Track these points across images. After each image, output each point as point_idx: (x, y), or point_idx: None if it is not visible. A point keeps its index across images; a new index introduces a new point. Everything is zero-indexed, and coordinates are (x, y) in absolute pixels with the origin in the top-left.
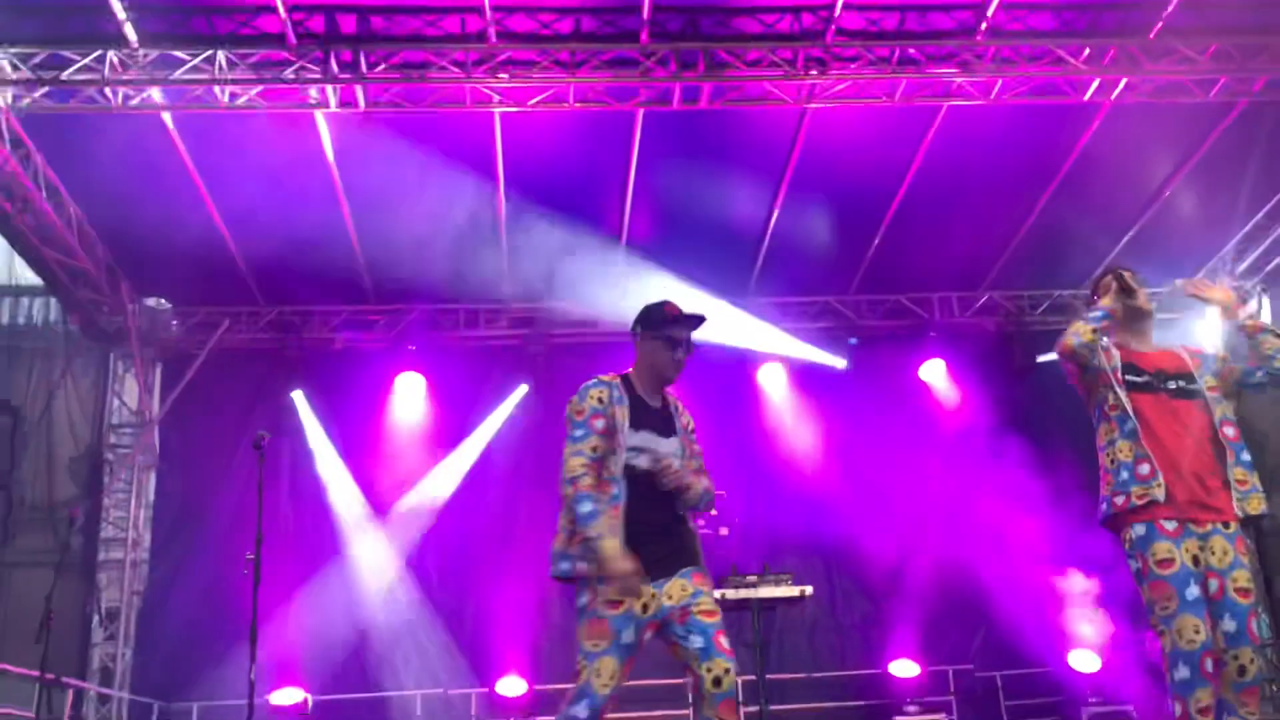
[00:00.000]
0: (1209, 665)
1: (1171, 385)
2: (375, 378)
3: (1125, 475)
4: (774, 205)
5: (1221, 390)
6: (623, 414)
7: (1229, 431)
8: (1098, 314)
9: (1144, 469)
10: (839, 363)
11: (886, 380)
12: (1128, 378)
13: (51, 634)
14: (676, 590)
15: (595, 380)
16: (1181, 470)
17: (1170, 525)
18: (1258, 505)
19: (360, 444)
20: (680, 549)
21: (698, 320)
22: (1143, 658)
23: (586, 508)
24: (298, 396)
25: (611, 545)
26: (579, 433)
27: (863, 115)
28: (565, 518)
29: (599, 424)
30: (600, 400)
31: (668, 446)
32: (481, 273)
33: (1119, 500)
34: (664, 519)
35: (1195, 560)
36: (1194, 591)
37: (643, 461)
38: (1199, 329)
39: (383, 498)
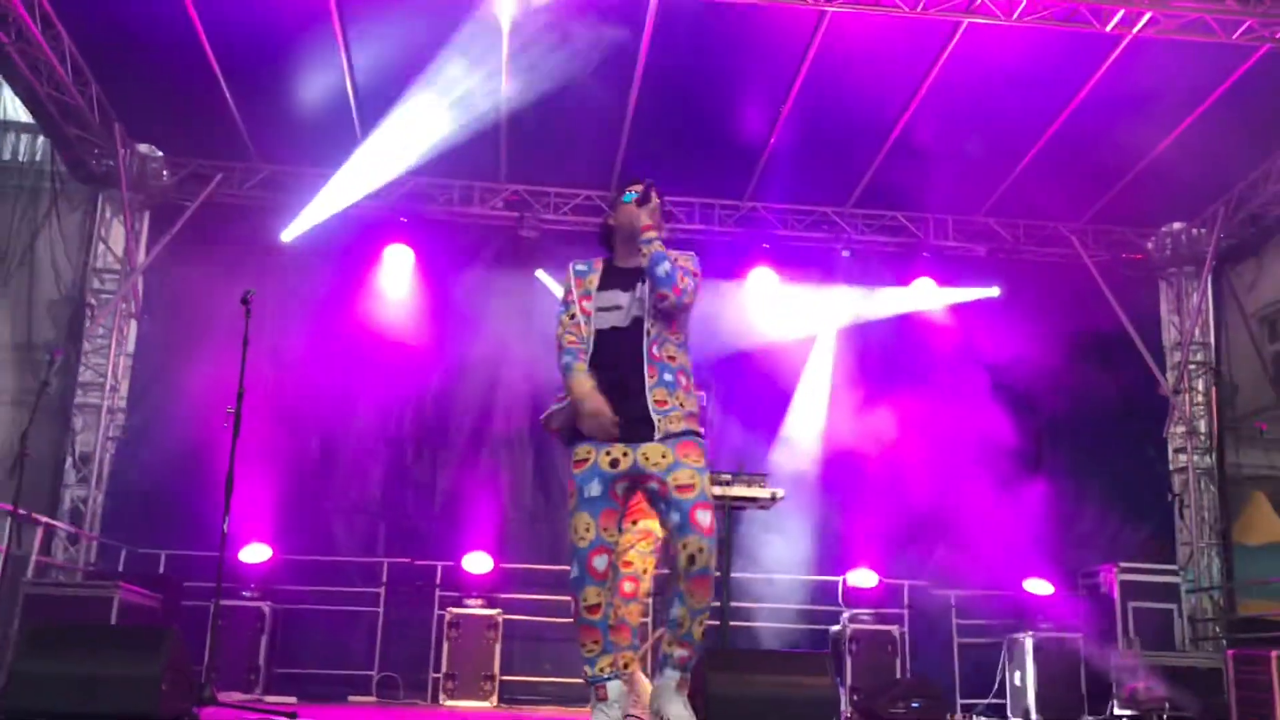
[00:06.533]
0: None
1: None
2: (363, 246)
3: None
4: (781, 110)
5: None
6: (592, 280)
7: None
8: None
9: None
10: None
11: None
12: None
13: (25, 471)
14: (656, 455)
15: (576, 260)
16: None
17: None
18: None
19: (343, 311)
20: (644, 416)
21: (646, 180)
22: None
23: (566, 359)
24: (286, 256)
25: (582, 380)
26: (563, 306)
27: (879, 28)
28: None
29: (576, 292)
30: (576, 272)
31: (624, 298)
32: (479, 150)
33: None
34: (625, 381)
35: None
36: None
37: (609, 319)
38: None
39: (364, 367)
